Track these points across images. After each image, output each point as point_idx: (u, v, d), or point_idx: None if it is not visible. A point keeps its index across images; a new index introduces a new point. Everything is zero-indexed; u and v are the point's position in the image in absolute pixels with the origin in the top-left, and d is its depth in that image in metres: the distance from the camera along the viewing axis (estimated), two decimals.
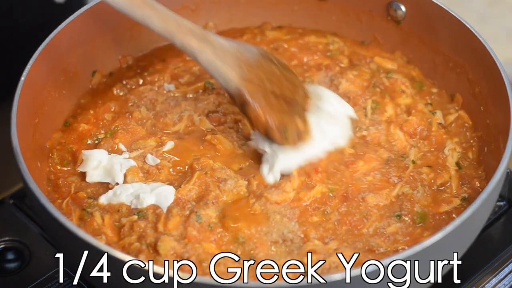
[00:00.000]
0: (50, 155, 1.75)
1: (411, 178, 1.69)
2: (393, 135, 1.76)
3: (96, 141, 1.76)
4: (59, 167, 1.73)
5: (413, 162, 1.72)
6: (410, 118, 1.78)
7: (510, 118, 1.60)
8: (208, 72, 1.68)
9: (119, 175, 1.68)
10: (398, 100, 1.83)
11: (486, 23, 2.93)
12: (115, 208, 1.63)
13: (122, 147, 1.74)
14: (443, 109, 1.83)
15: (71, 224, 1.45)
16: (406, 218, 1.63)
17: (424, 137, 1.77)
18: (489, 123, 1.74)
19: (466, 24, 1.78)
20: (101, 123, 1.80)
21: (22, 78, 1.64)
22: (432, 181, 1.69)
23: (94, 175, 1.69)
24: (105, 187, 1.68)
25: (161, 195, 1.64)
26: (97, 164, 1.70)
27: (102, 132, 1.78)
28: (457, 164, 1.73)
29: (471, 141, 1.77)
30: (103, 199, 1.65)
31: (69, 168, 1.73)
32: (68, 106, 1.84)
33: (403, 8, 1.90)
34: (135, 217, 1.60)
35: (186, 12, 1.98)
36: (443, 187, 1.69)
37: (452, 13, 1.80)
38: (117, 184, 1.67)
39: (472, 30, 1.76)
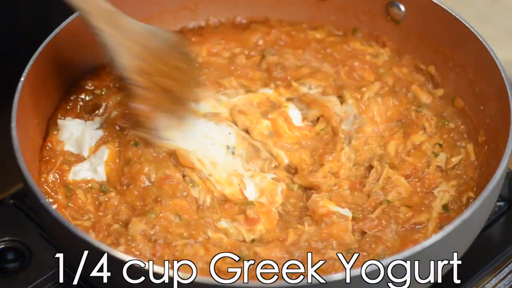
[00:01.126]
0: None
1: (384, 216, 1.62)
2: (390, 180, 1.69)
3: (91, 97, 1.79)
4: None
5: (388, 201, 1.65)
6: (406, 158, 1.72)
7: (510, 118, 1.60)
8: (107, 54, 1.64)
9: (86, 148, 1.71)
10: (412, 137, 1.76)
11: (486, 23, 2.92)
12: (86, 185, 1.66)
13: (102, 107, 1.77)
14: (454, 148, 1.75)
15: (71, 224, 1.45)
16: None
17: (419, 178, 1.70)
18: (489, 123, 1.73)
19: (466, 24, 1.78)
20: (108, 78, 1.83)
21: (22, 78, 1.64)
22: (407, 220, 1.62)
23: (67, 145, 1.73)
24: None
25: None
26: (69, 135, 1.73)
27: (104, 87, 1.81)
28: (444, 206, 1.65)
29: (471, 182, 1.69)
30: (69, 177, 1.67)
31: (55, 133, 1.74)
32: None
33: (402, 7, 1.90)
34: (113, 193, 1.63)
35: (185, 11, 1.98)
36: (417, 227, 1.61)
37: (452, 13, 1.80)
38: (83, 156, 1.71)
39: (472, 30, 1.76)
